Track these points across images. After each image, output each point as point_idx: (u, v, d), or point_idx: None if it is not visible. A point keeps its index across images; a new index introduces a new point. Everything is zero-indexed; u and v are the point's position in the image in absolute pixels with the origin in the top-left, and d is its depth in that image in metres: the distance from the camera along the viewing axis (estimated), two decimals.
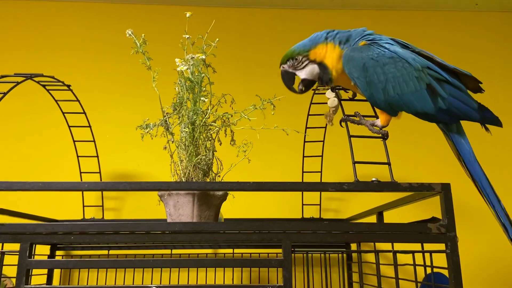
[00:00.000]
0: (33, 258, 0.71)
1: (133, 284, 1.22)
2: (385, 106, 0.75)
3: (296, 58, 0.80)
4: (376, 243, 1.04)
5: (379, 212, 0.94)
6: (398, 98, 0.74)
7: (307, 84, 0.82)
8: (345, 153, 1.29)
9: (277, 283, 0.66)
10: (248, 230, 0.69)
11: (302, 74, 0.80)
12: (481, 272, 1.32)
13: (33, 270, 0.70)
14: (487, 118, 0.75)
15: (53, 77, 1.01)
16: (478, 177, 0.74)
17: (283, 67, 0.82)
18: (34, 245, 0.72)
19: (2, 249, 0.94)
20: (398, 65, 0.72)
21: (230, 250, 1.24)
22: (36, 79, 1.01)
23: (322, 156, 1.27)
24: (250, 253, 1.24)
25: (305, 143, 1.25)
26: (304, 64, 0.80)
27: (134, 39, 0.88)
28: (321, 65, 0.79)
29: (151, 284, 1.22)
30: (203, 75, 0.89)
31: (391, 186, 0.69)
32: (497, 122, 0.76)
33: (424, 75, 0.73)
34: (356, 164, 0.75)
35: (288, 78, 0.82)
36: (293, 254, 1.25)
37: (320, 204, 1.31)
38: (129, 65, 1.47)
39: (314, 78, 0.81)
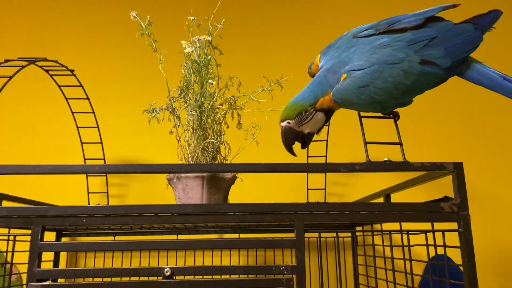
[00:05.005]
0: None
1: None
2: (398, 106, 0.74)
3: (306, 111, 0.73)
4: (383, 226, 1.05)
5: (386, 195, 0.94)
6: (406, 94, 0.71)
7: (309, 138, 0.77)
8: (350, 137, 1.30)
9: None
10: (260, 211, 0.69)
11: (307, 128, 0.75)
12: (493, 253, 1.32)
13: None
14: (485, 26, 0.71)
15: (56, 62, 0.99)
16: None
17: (288, 123, 0.74)
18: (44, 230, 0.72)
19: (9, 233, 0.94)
20: (387, 72, 0.68)
21: (236, 235, 1.24)
22: (40, 63, 1.00)
23: (327, 140, 1.27)
24: (262, 238, 1.24)
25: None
26: (311, 116, 0.74)
27: (139, 21, 0.87)
28: (329, 111, 0.76)
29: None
30: (209, 57, 0.88)
31: (404, 166, 0.69)
32: (495, 16, 0.71)
33: (412, 58, 0.68)
34: (367, 147, 0.75)
35: (292, 137, 0.75)
36: None
37: (325, 189, 1.31)
38: (133, 49, 1.45)
39: (318, 128, 0.77)
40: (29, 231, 0.67)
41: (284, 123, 0.74)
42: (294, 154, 0.76)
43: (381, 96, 0.69)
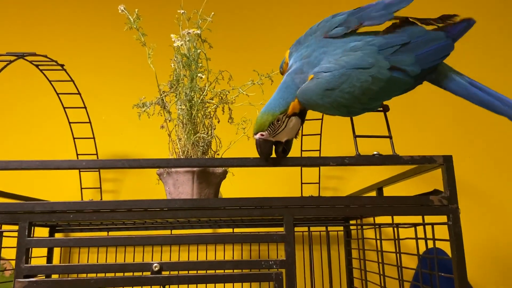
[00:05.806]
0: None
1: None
2: (364, 111, 0.72)
3: (278, 120, 0.69)
4: (376, 220, 1.04)
5: (378, 188, 0.94)
6: (373, 100, 0.69)
7: (289, 145, 0.73)
8: (344, 131, 1.29)
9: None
10: (249, 206, 0.69)
11: (283, 136, 0.71)
12: (483, 246, 1.32)
13: (33, 254, 0.69)
14: (457, 35, 0.68)
15: (46, 56, 0.98)
16: (487, 103, 0.67)
17: (261, 135, 0.69)
18: (33, 227, 0.71)
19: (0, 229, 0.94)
20: (355, 76, 0.66)
21: (230, 230, 1.24)
22: (29, 58, 0.99)
23: (320, 134, 1.26)
24: (250, 232, 1.24)
25: (304, 121, 1.24)
26: (285, 124, 0.70)
27: (127, 15, 0.86)
28: (302, 113, 0.72)
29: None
30: (199, 51, 0.87)
31: (393, 159, 0.69)
32: (467, 25, 0.68)
33: (382, 64, 0.66)
34: (356, 141, 0.74)
35: (268, 149, 0.70)
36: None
37: (319, 183, 1.31)
38: (125, 43, 1.44)
39: (296, 132, 0.73)
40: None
41: (257, 136, 0.69)
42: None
43: (347, 100, 0.67)
